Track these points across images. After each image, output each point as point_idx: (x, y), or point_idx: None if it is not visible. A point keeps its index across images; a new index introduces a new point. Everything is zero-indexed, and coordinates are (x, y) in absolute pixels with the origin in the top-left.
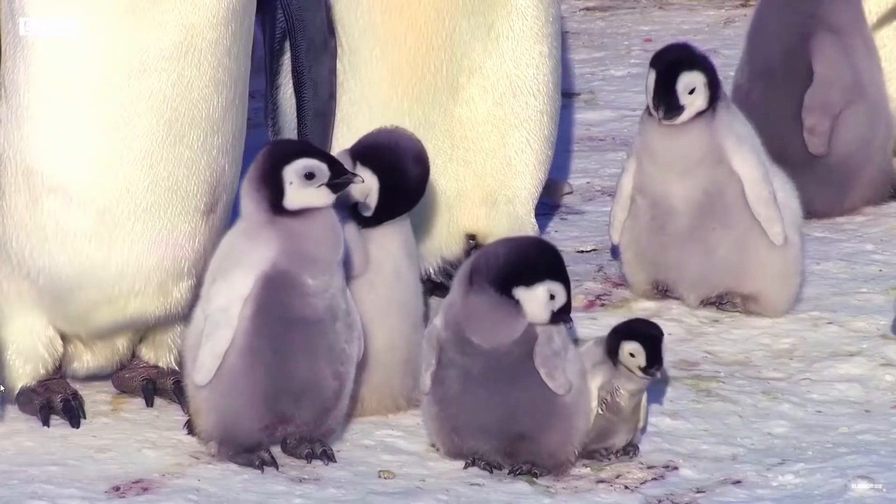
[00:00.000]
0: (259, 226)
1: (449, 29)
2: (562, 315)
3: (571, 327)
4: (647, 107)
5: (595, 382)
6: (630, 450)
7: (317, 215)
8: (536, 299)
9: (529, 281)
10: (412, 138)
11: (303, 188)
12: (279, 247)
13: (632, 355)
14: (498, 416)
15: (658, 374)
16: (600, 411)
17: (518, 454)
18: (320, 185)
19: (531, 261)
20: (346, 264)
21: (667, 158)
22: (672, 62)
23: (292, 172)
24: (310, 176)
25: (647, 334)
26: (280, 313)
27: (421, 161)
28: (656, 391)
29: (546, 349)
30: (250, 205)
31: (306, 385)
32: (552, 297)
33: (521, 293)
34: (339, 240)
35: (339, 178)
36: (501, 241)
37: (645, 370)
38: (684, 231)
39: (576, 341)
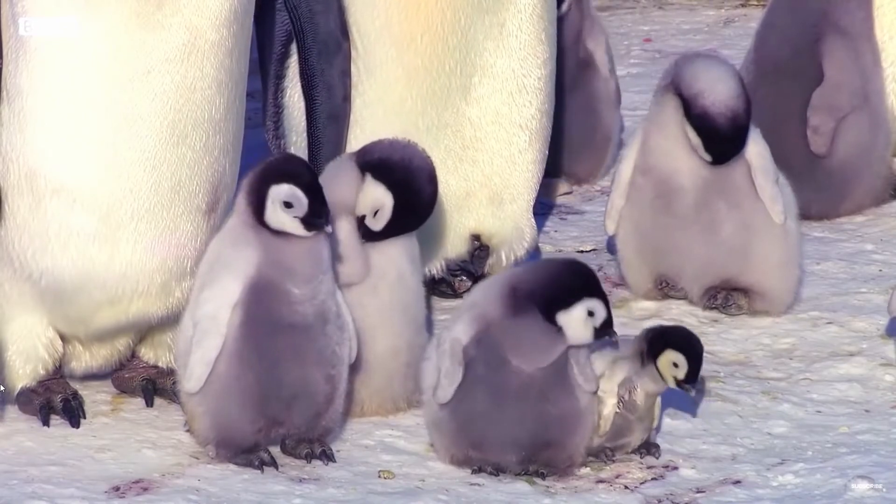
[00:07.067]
0: (245, 229)
1: (465, 28)
2: (604, 330)
3: (615, 339)
4: (664, 86)
5: (616, 379)
6: (654, 451)
7: (296, 237)
8: (576, 320)
9: (567, 303)
10: (424, 155)
11: (281, 213)
12: (262, 255)
13: (675, 365)
14: (529, 429)
15: (692, 392)
16: (618, 409)
17: (537, 460)
18: (295, 217)
19: (565, 283)
20: (342, 270)
21: (680, 130)
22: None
23: (274, 195)
24: (288, 205)
25: (694, 351)
26: (268, 320)
27: (433, 180)
28: None
29: (581, 357)
30: (241, 209)
31: (297, 390)
32: (591, 314)
33: (561, 318)
34: (320, 259)
35: (312, 219)
36: (535, 267)
37: (681, 383)
38: (689, 210)
39: None
